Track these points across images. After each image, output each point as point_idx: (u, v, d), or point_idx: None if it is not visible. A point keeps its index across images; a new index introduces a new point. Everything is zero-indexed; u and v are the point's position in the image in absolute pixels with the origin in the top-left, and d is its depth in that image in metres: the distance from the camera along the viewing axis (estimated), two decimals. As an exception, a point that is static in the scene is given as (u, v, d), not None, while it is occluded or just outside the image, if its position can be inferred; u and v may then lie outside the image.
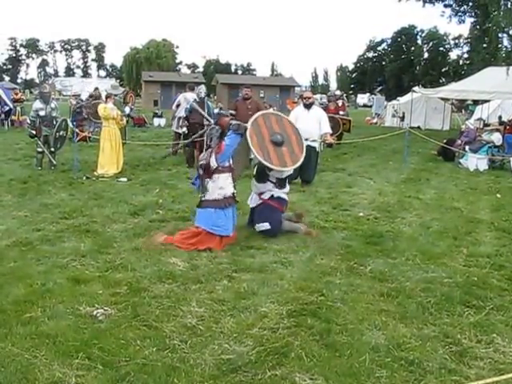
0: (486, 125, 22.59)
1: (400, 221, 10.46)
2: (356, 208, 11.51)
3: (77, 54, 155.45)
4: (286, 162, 9.13)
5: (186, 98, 18.77)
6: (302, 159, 9.39)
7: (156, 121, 35.80)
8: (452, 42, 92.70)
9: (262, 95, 29.51)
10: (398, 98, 40.78)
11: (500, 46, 41.82)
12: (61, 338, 5.21)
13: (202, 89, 17.09)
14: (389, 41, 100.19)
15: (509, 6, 33.18)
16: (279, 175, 9.22)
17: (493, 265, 7.86)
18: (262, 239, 8.80)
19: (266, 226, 8.98)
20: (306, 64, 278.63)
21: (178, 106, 19.50)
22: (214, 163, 8.45)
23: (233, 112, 16.31)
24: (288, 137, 9.41)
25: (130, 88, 70.08)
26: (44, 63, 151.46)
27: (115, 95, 16.50)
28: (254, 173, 9.42)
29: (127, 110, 16.99)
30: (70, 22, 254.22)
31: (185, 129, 16.82)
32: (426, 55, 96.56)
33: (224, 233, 8.36)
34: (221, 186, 8.48)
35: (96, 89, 27.05)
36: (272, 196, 9.23)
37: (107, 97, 15.86)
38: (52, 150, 15.49)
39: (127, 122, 18.16)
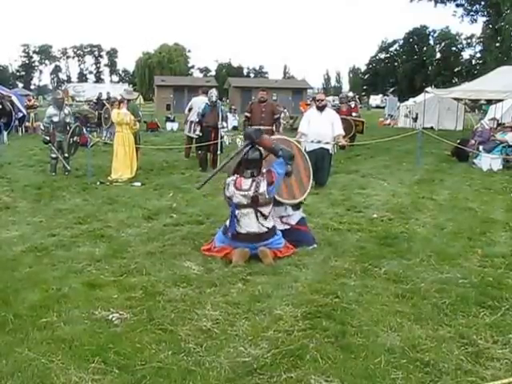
0: (499, 124, 22.49)
1: (414, 222, 10.43)
2: (370, 209, 11.50)
3: (89, 59, 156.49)
4: (295, 193, 8.92)
5: (197, 102, 18.82)
6: (309, 189, 9.19)
7: (169, 125, 35.89)
8: (464, 42, 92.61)
9: (274, 98, 29.64)
10: (415, 101, 40.62)
11: (513, 44, 41.70)
12: (77, 343, 5.23)
13: (214, 93, 17.14)
14: (401, 41, 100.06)
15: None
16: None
17: (508, 265, 7.81)
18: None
19: (314, 246, 8.67)
20: (319, 66, 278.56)
21: (190, 109, 19.49)
22: (266, 195, 8.09)
23: (248, 115, 16.35)
24: (296, 165, 9.00)
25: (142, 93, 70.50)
26: (57, 69, 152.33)
27: (129, 100, 16.51)
28: None
29: (140, 114, 17.08)
30: (82, 28, 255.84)
31: (198, 132, 16.89)
32: (438, 55, 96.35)
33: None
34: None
35: (100, 93, 27.16)
36: (301, 219, 8.92)
37: (120, 102, 15.89)
38: (66, 155, 15.56)
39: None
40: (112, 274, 7.25)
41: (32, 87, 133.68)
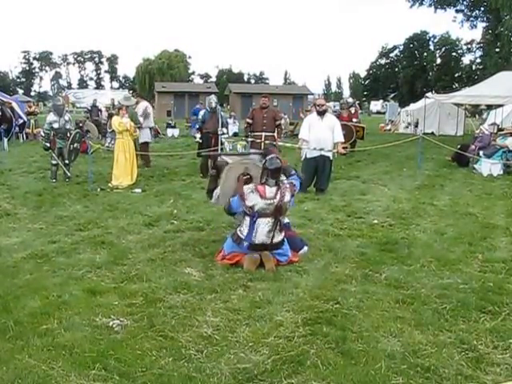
0: (500, 129, 22.49)
1: (415, 227, 10.44)
2: (370, 215, 11.49)
3: (90, 65, 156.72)
4: None
5: (146, 108, 18.64)
6: None
7: (169, 131, 35.94)
8: (464, 47, 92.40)
9: (275, 104, 29.76)
10: (414, 106, 40.63)
11: (513, 50, 41.72)
12: (77, 350, 5.23)
13: (213, 99, 17.17)
14: (401, 47, 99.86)
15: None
16: None
17: (508, 270, 7.82)
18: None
19: (305, 250, 8.63)
20: (319, 72, 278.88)
21: (146, 116, 18.82)
22: (288, 205, 8.27)
23: (249, 121, 16.33)
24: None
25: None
26: (57, 76, 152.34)
27: (127, 106, 16.46)
28: None
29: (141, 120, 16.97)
30: (82, 35, 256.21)
31: (198, 139, 16.94)
32: (438, 61, 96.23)
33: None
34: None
35: (95, 100, 27.17)
36: (285, 223, 8.68)
37: (119, 109, 15.90)
38: (66, 162, 15.56)
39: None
40: (112, 281, 7.25)
41: (32, 94, 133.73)
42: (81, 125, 25.25)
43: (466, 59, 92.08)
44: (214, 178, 9.26)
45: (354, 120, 24.71)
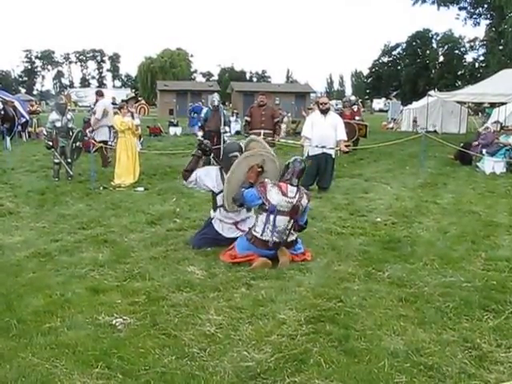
0: (503, 127, 22.46)
1: (417, 226, 10.42)
2: (373, 213, 11.48)
3: (92, 64, 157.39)
4: None
5: (106, 106, 18.41)
6: None
7: (172, 130, 35.95)
8: (467, 45, 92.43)
9: (277, 102, 29.74)
10: (415, 103, 40.37)
11: (516, 47, 41.62)
12: (80, 348, 5.23)
13: (215, 97, 17.18)
14: (404, 45, 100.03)
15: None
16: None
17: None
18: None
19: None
20: (322, 70, 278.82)
21: (105, 114, 18.27)
22: (303, 209, 8.23)
23: (248, 119, 16.33)
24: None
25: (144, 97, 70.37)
26: (59, 74, 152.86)
27: (127, 101, 16.41)
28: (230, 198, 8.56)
29: (137, 121, 16.58)
30: (84, 33, 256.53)
31: (200, 136, 16.95)
32: (441, 59, 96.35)
33: None
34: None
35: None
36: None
37: (120, 108, 15.85)
38: (69, 160, 15.52)
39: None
40: (115, 279, 7.25)
41: (35, 92, 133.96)
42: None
43: (469, 57, 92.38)
44: (196, 158, 9.14)
45: (357, 118, 24.69)
